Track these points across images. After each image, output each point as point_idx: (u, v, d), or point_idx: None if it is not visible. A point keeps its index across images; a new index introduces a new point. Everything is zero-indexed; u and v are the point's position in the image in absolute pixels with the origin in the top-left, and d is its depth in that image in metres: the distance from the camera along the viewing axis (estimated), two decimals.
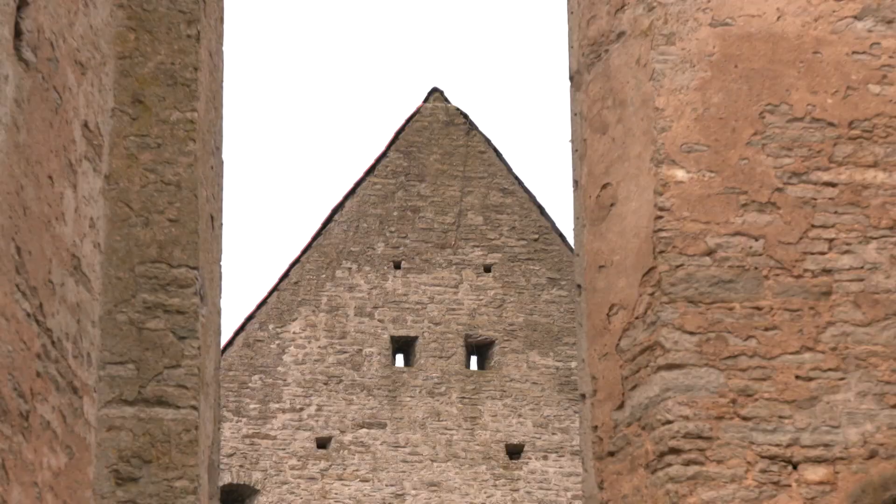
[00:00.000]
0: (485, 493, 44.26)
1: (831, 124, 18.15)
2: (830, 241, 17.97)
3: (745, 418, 17.64)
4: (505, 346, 45.17)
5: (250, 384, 43.93)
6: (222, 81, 19.27)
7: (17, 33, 16.06)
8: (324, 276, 45.06)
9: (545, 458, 44.24)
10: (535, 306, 44.99)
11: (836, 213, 18.05)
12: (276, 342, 44.68)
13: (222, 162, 19.27)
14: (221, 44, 19.31)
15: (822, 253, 18.05)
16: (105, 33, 17.79)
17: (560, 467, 42.99)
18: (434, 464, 44.30)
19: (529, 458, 44.56)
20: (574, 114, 19.32)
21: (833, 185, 18.03)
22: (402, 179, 45.66)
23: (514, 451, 44.63)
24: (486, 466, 44.61)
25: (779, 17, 18.30)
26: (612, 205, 18.57)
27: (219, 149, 19.24)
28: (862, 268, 17.89)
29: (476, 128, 46.03)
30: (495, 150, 46.02)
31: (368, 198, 45.16)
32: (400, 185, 45.53)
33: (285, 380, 44.45)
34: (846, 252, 18.02)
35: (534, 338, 44.90)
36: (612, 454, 18.37)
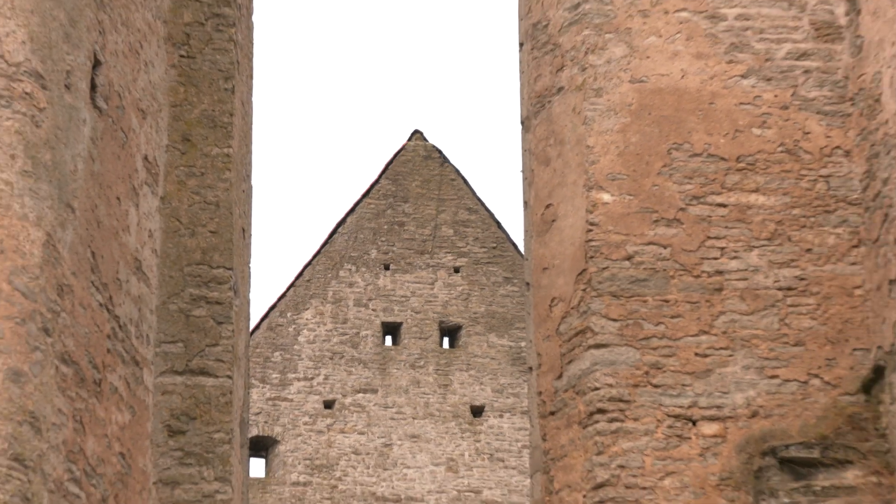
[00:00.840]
0: (454, 443, 44.34)
1: (723, 159, 18.19)
2: (722, 249, 18.03)
3: (655, 386, 17.69)
4: (470, 329, 45.19)
5: (272, 359, 44.01)
6: (252, 124, 19.30)
7: (93, 86, 16.04)
8: (330, 275, 45.22)
9: (501, 416, 44.25)
10: (494, 299, 45.08)
11: (726, 227, 18.10)
12: (293, 326, 44.78)
13: (251, 186, 19.28)
14: (251, 94, 19.31)
15: (716, 258, 18.16)
16: (161, 87, 17.80)
17: (512, 424, 42.98)
18: (415, 420, 44.38)
19: (489, 417, 44.55)
20: (524, 150, 19.35)
21: (724, 205, 18.09)
22: (390, 201, 45.87)
23: (477, 411, 44.59)
24: (455, 423, 44.58)
25: (683, 76, 18.32)
26: (553, 221, 18.60)
27: (248, 176, 19.26)
28: (746, 270, 17.97)
29: (448, 161, 46.17)
30: (463, 178, 46.13)
31: (364, 214, 45.48)
32: (389, 205, 45.75)
33: (299, 355, 44.53)
34: (734, 258, 18.04)
35: (492, 323, 44.95)
36: (552, 413, 18.38)
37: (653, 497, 17.41)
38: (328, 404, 44.55)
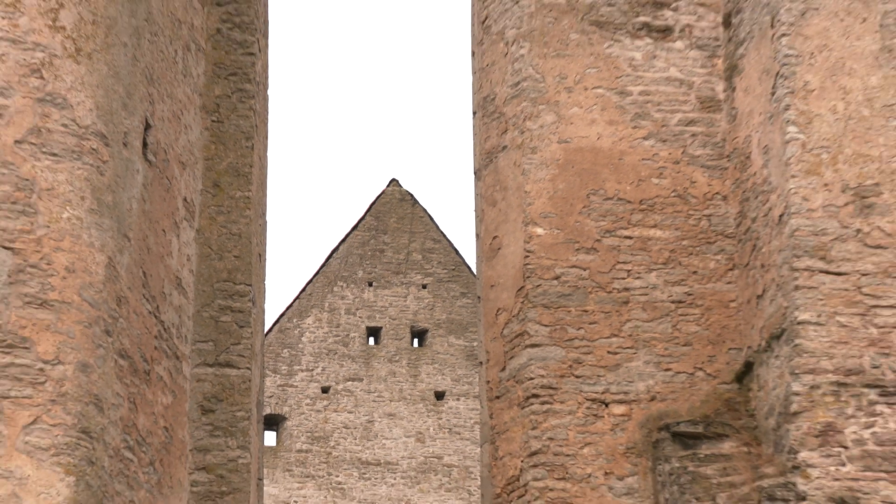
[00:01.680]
0: (422, 420, 44.37)
1: (629, 202, 18.17)
2: (628, 271, 18.01)
3: (577, 376, 17.67)
4: (434, 332, 45.19)
5: (282, 354, 43.99)
6: (266, 173, 19.25)
7: (145, 144, 16.03)
8: (326, 290, 45.23)
9: (458, 399, 44.25)
10: (453, 309, 45.07)
11: (631, 254, 18.08)
12: (297, 329, 44.77)
13: (266, 221, 19.25)
14: (266, 150, 19.28)
15: (623, 278, 18.11)
16: (196, 144, 17.76)
17: (467, 405, 42.98)
18: (392, 402, 44.39)
19: (448, 400, 44.56)
20: (477, 194, 19.32)
21: (630, 238, 18.07)
22: (373, 233, 45.91)
23: (440, 396, 44.55)
24: (422, 405, 44.56)
25: (598, 138, 18.29)
26: (499, 249, 18.58)
27: (264, 213, 19.25)
28: (647, 287, 17.96)
29: (418, 202, 46.21)
30: (429, 216, 46.23)
31: (353, 243, 45.53)
32: (372, 236, 45.77)
33: (302, 352, 44.51)
34: (637, 278, 18.02)
35: (451, 328, 44.95)
36: (497, 397, 18.36)
37: (574, 462, 17.43)
38: (325, 390, 44.58)
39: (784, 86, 17.19)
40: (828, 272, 16.63)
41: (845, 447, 16.24)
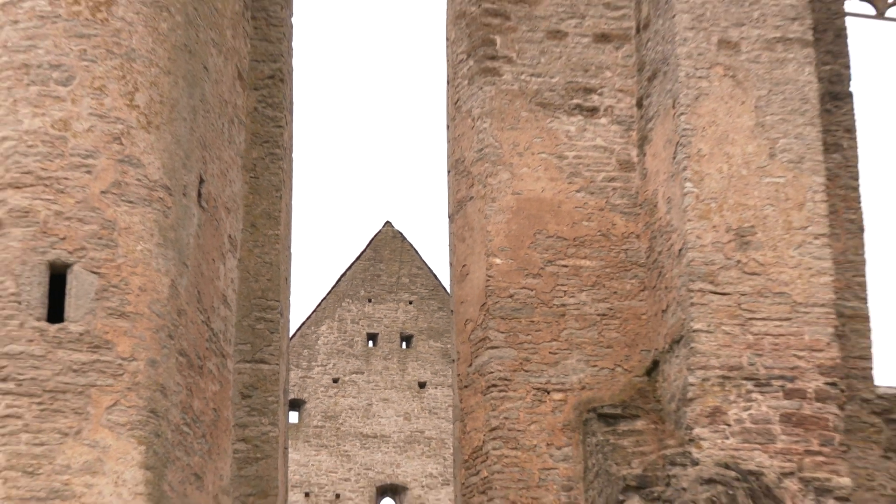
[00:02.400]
0: (408, 404, 44.15)
1: (565, 239, 18.16)
2: (565, 291, 17.98)
3: (526, 371, 17.64)
4: (418, 337, 44.95)
5: (302, 353, 43.78)
6: (291, 216, 19.17)
7: (199, 194, 15.98)
8: (336, 305, 45.04)
9: (436, 388, 44.06)
10: (432, 320, 44.87)
11: (567, 279, 18.05)
12: (314, 335, 44.56)
13: (291, 253, 19.19)
14: (291, 198, 19.16)
15: (561, 297, 18.11)
16: (238, 194, 17.73)
17: (443, 392, 42.80)
18: (386, 390, 44.18)
19: (429, 388, 44.37)
20: (450, 233, 19.29)
21: (566, 266, 18.05)
22: (372, 262, 45.77)
23: (422, 385, 44.30)
24: (409, 392, 44.36)
25: (542, 191, 18.26)
26: (467, 274, 18.55)
27: (289, 247, 19.21)
28: (579, 303, 18.07)
29: (406, 239, 46.11)
30: (415, 249, 46.06)
31: (357, 270, 45.35)
32: (371, 264, 45.60)
33: (318, 352, 44.26)
34: (572, 297, 17.99)
35: (431, 334, 44.75)
36: (466, 387, 18.31)
37: (524, 435, 17.42)
38: (335, 380, 44.32)
39: (682, 152, 17.22)
40: (715, 293, 16.66)
41: (728, 425, 16.27)
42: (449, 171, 19.44)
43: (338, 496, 43.51)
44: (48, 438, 14.15)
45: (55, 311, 14.50)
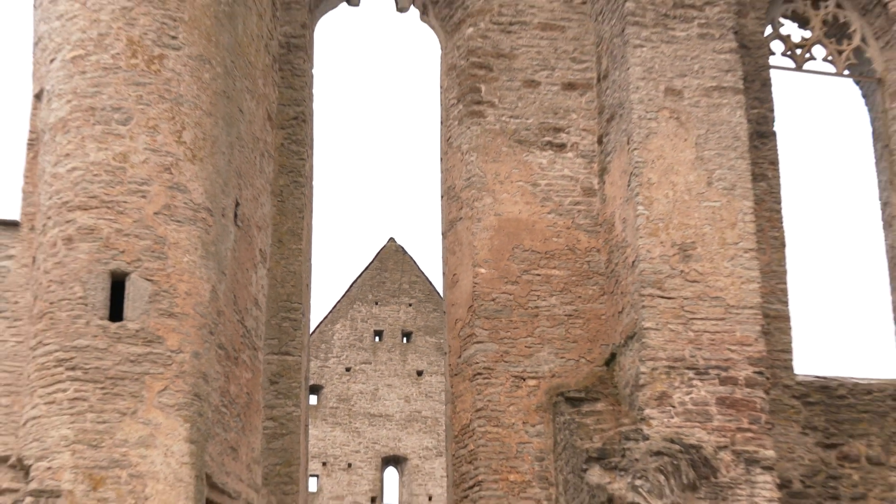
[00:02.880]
0: (408, 389, 44.09)
1: (538, 252, 18.10)
2: (538, 296, 17.91)
3: (505, 362, 17.55)
4: (417, 334, 44.92)
5: (321, 347, 43.73)
6: (312, 233, 19.11)
7: (235, 215, 15.96)
8: (348, 307, 45.00)
9: (431, 376, 44.03)
10: (428, 319, 44.80)
11: (540, 286, 17.97)
12: (331, 332, 44.51)
13: (311, 264, 19.14)
14: (312, 219, 19.04)
15: (535, 300, 17.96)
16: (267, 216, 17.71)
17: (437, 379, 42.76)
18: (389, 377, 44.13)
19: (426, 376, 44.31)
20: (443, 248, 19.21)
21: (539, 275, 18.01)
22: (378, 271, 45.71)
23: (420, 374, 44.26)
24: (408, 379, 44.31)
25: (519, 213, 18.19)
26: (457, 282, 18.52)
27: (310, 258, 19.14)
28: (550, 306, 17.84)
29: (407, 252, 46.03)
30: (414, 261, 46.01)
31: (366, 277, 45.28)
32: (377, 273, 45.55)
33: (334, 346, 44.20)
34: (544, 300, 17.91)
35: (427, 331, 44.68)
36: (456, 375, 18.29)
37: (504, 415, 17.38)
38: (347, 369, 44.30)
39: (635, 181, 17.22)
40: (662, 297, 16.66)
41: (673, 407, 16.28)
42: (442, 196, 19.40)
43: (350, 465, 43.51)
44: (109, 417, 14.15)
45: (115, 312, 14.52)
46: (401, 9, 19.77)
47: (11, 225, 15.84)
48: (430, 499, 43.54)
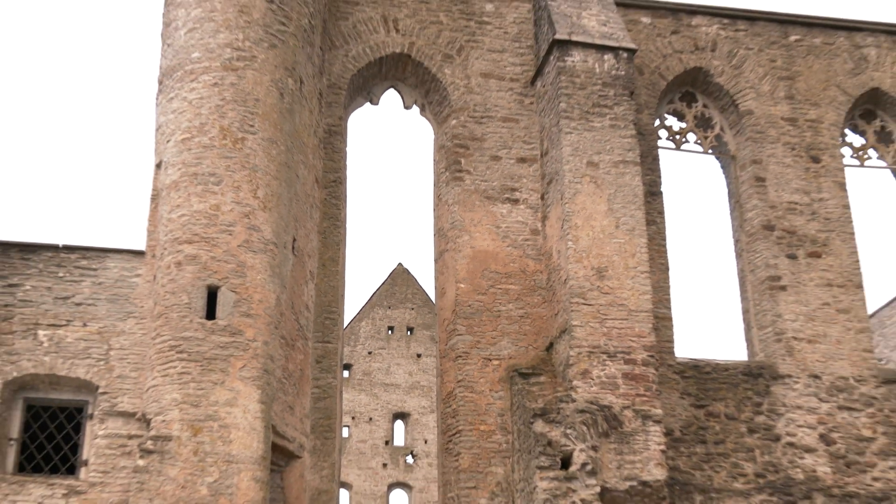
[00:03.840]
0: (411, 367, 43.95)
1: (501, 273, 17.91)
2: (500, 303, 17.73)
3: (478, 349, 17.37)
4: (417, 329, 44.77)
5: (351, 337, 43.60)
6: (346, 260, 18.92)
7: (293, 247, 15.92)
8: (370, 311, 44.83)
9: (427, 358, 43.84)
10: (425, 318, 44.66)
11: (503, 297, 17.75)
12: (358, 327, 44.34)
13: (345, 281, 18.98)
14: (345, 249, 18.78)
15: (498, 307, 17.72)
16: (315, 247, 17.63)
17: (431, 360, 42.64)
18: (397, 358, 43.97)
19: (424, 358, 44.17)
20: (435, 270, 19.07)
21: (502, 288, 17.82)
22: (390, 286, 45.56)
23: (419, 356, 44.13)
24: (411, 360, 44.17)
25: (487, 246, 18.02)
26: (444, 294, 18.41)
27: (344, 277, 18.95)
28: (510, 310, 17.78)
29: (411, 273, 45.93)
30: (416, 280, 45.94)
31: (381, 291, 45.11)
32: (389, 288, 45.38)
33: (359, 337, 44.06)
34: (504, 306, 17.75)
35: (425, 327, 44.58)
36: (444, 357, 18.14)
37: (476, 385, 17.22)
38: (369, 353, 44.17)
39: (566, 225, 17.21)
40: (584, 304, 16.64)
41: (592, 379, 16.23)
42: (434, 234, 19.35)
43: (370, 419, 43.35)
44: (205, 385, 14.14)
45: (210, 313, 14.56)
46: (406, 107, 19.84)
47: (139, 253, 15.91)
48: (425, 442, 43.41)
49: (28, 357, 15.13)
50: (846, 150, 20.20)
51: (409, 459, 43.70)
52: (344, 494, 41.61)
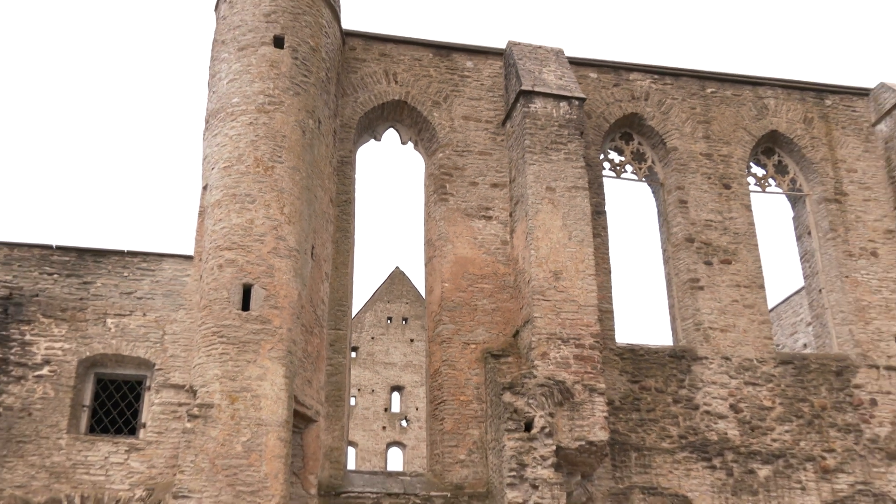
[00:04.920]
0: (406, 349, 43.65)
1: (477, 275, 17.81)
2: (477, 299, 17.58)
3: (458, 335, 17.21)
4: (410, 319, 44.52)
5: (358, 325, 43.27)
6: (354, 264, 18.71)
7: (312, 254, 15.79)
8: (373, 304, 44.48)
9: (418, 342, 43.61)
10: (417, 310, 44.41)
11: (478, 293, 17.68)
12: (364, 317, 44.04)
13: (353, 282, 18.82)
14: (354, 255, 18.58)
15: (475, 302, 17.47)
16: (329, 254, 17.47)
17: (421, 345, 42.49)
18: (395, 342, 43.67)
19: (415, 343, 43.91)
20: (425, 273, 18.82)
21: (477, 287, 17.66)
22: (389, 285, 45.20)
23: (412, 341, 43.89)
24: (406, 343, 43.92)
25: (467, 254, 17.96)
26: (432, 291, 18.26)
27: (352, 278, 18.81)
28: (484, 304, 17.62)
29: (406, 275, 45.63)
30: (410, 280, 45.63)
31: (382, 290, 44.71)
32: (388, 286, 44.98)
33: (365, 325, 43.75)
34: (480, 301, 17.57)
35: (417, 317, 44.32)
36: (431, 342, 17.97)
37: (457, 363, 17.11)
38: (372, 338, 43.87)
39: (530, 237, 17.19)
40: (544, 300, 16.57)
41: (550, 360, 16.17)
42: (424, 244, 19.23)
43: (373, 391, 43.16)
44: (241, 363, 14.07)
45: (245, 305, 14.48)
46: (403, 143, 19.80)
47: (189, 258, 15.87)
48: (416, 409, 43.25)
49: (98, 340, 15.10)
50: (751, 179, 20.27)
51: (404, 423, 43.54)
52: (351, 451, 41.43)
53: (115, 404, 15.31)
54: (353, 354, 43.07)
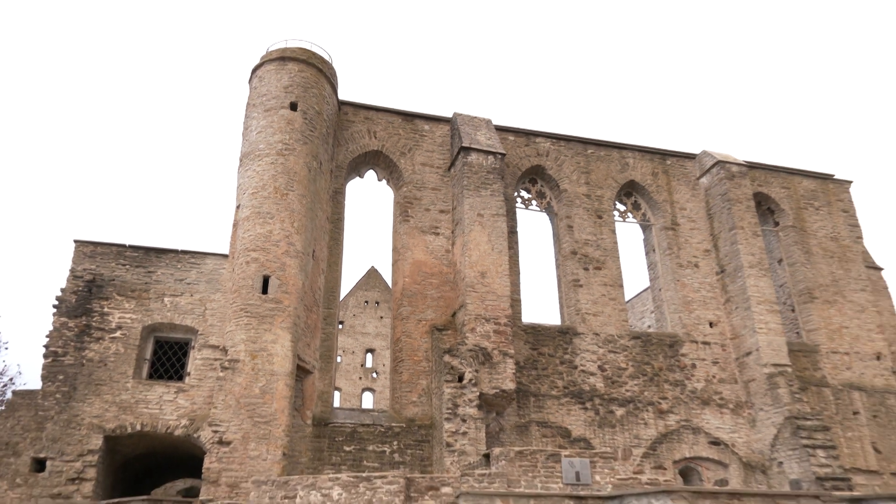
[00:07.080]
0: (377, 323, 42.89)
1: (429, 274, 17.50)
2: (427, 290, 17.20)
3: (414, 315, 16.77)
4: (381, 303, 43.89)
5: (344, 306, 42.49)
6: (342, 265, 18.12)
7: (313, 255, 15.62)
8: (354, 292, 43.71)
9: (386, 318, 43.14)
10: (386, 297, 43.81)
11: (428, 286, 17.35)
12: (348, 301, 43.28)
13: (342, 275, 18.38)
14: (342, 259, 17.92)
15: (426, 292, 17.17)
16: (325, 256, 16.98)
17: (387, 320, 41.79)
18: (370, 319, 42.92)
19: (384, 319, 43.37)
20: (392, 271, 18.08)
21: (428, 282, 17.37)
22: (366, 279, 44.51)
23: (381, 318, 43.27)
24: (377, 319, 43.24)
25: (422, 258, 17.75)
26: (396, 283, 17.62)
27: (341, 273, 18.34)
28: (432, 294, 17.32)
29: (380, 273, 45.07)
30: (382, 276, 45.07)
31: (360, 282, 44.01)
32: (366, 280, 44.27)
33: (349, 306, 43.07)
34: (429, 292, 17.30)
35: (385, 301, 43.76)
36: (395, 318, 17.42)
37: (412, 334, 16.76)
38: (354, 315, 43.17)
39: (465, 249, 17.00)
40: (474, 292, 16.35)
41: (476, 333, 15.94)
42: (392, 250, 18.92)
43: (353, 352, 42.72)
44: (260, 331, 13.95)
45: (264, 290, 14.34)
46: (379, 180, 19.66)
47: (225, 256, 15.64)
48: (383, 365, 42.98)
49: (157, 313, 14.90)
50: (616, 213, 20.63)
51: (374, 375, 43.33)
52: (336, 394, 40.87)
53: (168, 358, 15.15)
54: (340, 326, 42.49)
